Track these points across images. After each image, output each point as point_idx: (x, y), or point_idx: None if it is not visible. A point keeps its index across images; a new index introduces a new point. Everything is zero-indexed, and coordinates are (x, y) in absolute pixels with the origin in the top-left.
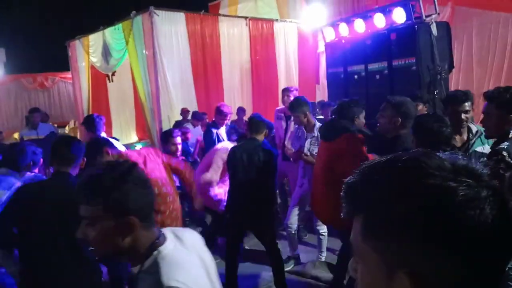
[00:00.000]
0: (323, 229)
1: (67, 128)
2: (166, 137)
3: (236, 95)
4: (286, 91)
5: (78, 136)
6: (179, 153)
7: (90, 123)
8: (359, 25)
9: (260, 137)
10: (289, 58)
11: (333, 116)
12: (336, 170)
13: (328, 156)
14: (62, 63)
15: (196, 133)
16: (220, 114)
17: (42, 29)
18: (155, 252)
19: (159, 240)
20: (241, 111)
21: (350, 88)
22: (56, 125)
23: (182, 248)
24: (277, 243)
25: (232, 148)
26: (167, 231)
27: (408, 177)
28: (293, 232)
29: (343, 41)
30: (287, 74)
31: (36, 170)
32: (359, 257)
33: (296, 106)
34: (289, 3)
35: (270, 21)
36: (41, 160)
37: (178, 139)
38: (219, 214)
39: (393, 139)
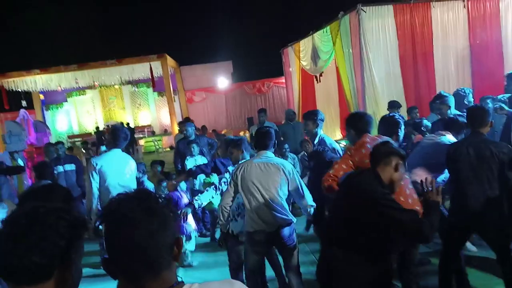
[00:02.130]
0: None
1: None
2: (397, 124)
3: (451, 86)
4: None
5: None
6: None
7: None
8: None
9: (485, 130)
10: None
11: None
12: None
13: None
14: (275, 69)
15: None
16: None
17: (260, 41)
18: None
19: None
20: None
21: None
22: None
23: None
24: (511, 250)
25: (455, 143)
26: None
27: None
28: None
29: None
30: None
31: None
32: None
33: None
34: None
35: None
36: None
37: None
38: None
39: None
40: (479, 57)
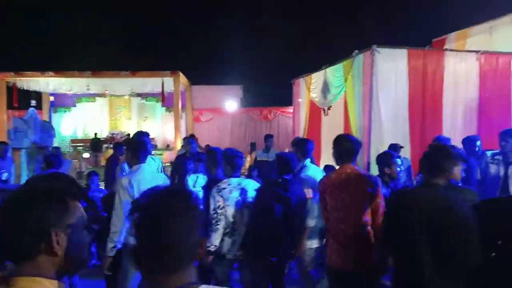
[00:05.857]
0: None
1: None
2: (386, 159)
3: (457, 135)
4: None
5: None
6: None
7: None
8: None
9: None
10: None
11: None
12: None
13: None
14: (284, 99)
15: None
16: None
17: (270, 70)
18: None
19: None
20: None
21: None
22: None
23: None
24: None
25: None
26: None
27: None
28: None
29: None
30: None
31: None
32: None
33: None
34: None
35: (509, 55)
36: None
37: (399, 161)
38: None
39: None
40: (487, 110)
